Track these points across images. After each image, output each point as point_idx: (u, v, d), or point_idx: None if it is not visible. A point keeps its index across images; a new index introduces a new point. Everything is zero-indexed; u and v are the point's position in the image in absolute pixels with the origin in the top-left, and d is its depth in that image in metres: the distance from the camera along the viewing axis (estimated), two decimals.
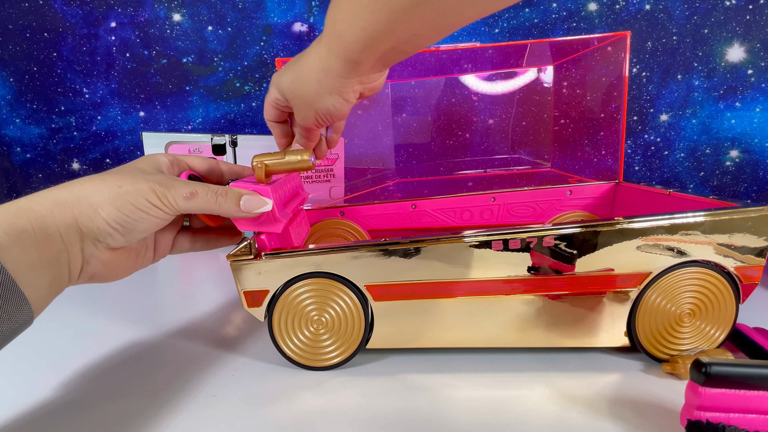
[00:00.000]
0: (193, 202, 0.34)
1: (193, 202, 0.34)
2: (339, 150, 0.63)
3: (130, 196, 0.32)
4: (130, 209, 0.32)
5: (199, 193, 0.34)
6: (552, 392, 0.36)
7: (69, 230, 0.30)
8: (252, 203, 0.36)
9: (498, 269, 0.38)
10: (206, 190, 0.34)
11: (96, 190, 0.31)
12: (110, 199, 0.31)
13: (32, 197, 0.30)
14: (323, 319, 0.39)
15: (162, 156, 0.37)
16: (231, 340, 0.46)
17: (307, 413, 0.34)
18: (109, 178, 0.32)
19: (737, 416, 0.28)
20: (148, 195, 0.32)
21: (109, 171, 0.34)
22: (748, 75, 0.77)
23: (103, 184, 0.32)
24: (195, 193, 0.34)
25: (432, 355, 0.42)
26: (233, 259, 0.39)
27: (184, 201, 0.33)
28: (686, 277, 0.38)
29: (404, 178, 0.73)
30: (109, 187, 0.32)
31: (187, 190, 0.34)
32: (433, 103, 0.72)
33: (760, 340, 0.39)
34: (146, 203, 0.32)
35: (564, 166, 0.70)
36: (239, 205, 0.35)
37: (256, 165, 0.37)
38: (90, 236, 0.31)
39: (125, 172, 0.34)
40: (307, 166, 0.39)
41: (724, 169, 0.82)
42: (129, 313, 0.53)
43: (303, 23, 0.86)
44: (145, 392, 0.37)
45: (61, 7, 0.88)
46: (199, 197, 0.34)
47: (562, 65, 0.67)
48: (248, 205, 0.36)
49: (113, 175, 0.33)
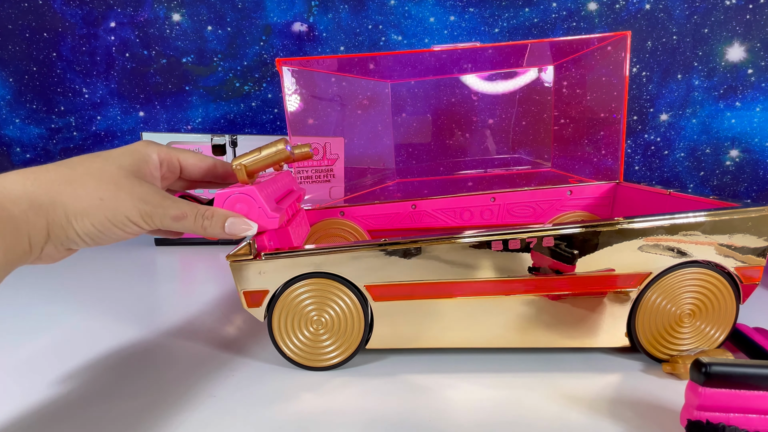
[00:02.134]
0: (180, 223, 0.33)
1: (179, 223, 0.33)
2: (339, 150, 0.63)
3: (110, 212, 0.30)
4: (106, 226, 0.30)
5: (187, 216, 0.33)
6: (552, 392, 0.36)
7: (38, 235, 0.29)
8: (236, 227, 0.35)
9: (498, 269, 0.38)
10: (194, 213, 0.33)
11: (74, 199, 0.29)
12: (87, 211, 0.29)
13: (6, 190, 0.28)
14: (323, 319, 0.39)
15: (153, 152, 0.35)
16: (231, 340, 0.46)
17: (307, 413, 0.34)
18: (90, 184, 0.30)
19: (737, 416, 0.28)
20: (130, 213, 0.31)
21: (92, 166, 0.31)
22: (748, 74, 0.77)
23: (83, 192, 0.30)
24: (183, 215, 0.33)
25: (432, 355, 0.42)
26: (233, 259, 0.39)
27: (170, 221, 0.32)
28: (686, 277, 0.38)
29: (404, 178, 0.73)
30: (89, 197, 0.30)
31: (176, 212, 0.32)
32: (433, 103, 0.72)
33: (760, 340, 0.39)
34: (126, 221, 0.31)
35: (564, 166, 0.70)
36: (224, 229, 0.35)
37: (236, 168, 0.37)
38: (56, 241, 0.30)
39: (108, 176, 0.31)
40: (285, 155, 0.38)
41: (724, 168, 0.81)
42: (129, 313, 0.53)
43: (303, 23, 0.86)
44: (144, 392, 0.37)
45: (60, 7, 0.88)
46: (186, 220, 0.33)
47: (562, 65, 0.67)
48: (233, 228, 0.35)
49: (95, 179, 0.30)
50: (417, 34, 0.85)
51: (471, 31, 0.83)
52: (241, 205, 0.37)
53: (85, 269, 0.68)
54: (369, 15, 0.85)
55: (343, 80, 0.66)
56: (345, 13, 0.85)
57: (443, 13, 0.83)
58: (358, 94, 0.68)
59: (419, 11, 0.84)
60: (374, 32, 0.85)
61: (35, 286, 0.61)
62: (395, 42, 0.85)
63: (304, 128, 0.62)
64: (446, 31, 0.84)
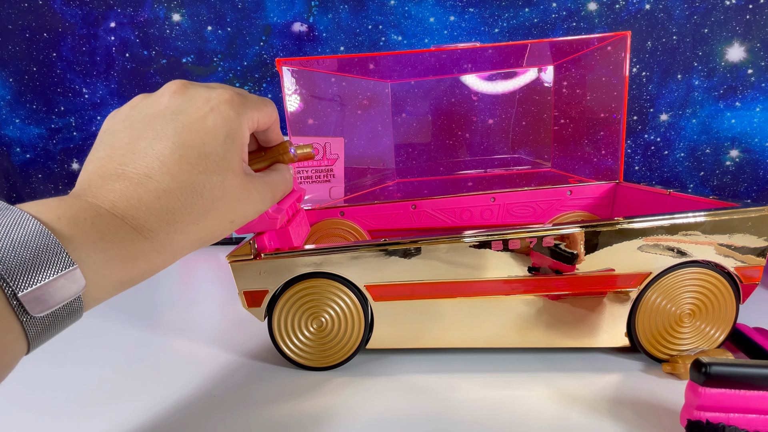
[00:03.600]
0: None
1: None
2: (339, 150, 0.63)
3: (237, 226, 0.30)
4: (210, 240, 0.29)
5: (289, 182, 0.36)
6: (552, 392, 0.36)
7: None
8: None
9: (498, 269, 0.38)
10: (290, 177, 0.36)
11: (212, 229, 0.28)
12: (215, 235, 0.29)
13: None
14: (323, 319, 0.39)
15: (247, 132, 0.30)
16: (231, 340, 0.46)
17: (307, 413, 0.34)
18: (220, 209, 0.28)
19: (737, 416, 0.28)
20: (251, 216, 0.31)
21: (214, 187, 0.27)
22: (749, 74, 0.77)
23: (216, 223, 0.28)
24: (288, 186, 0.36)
25: (432, 355, 0.42)
26: (233, 259, 0.39)
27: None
28: (686, 277, 0.38)
29: (404, 178, 0.73)
30: (221, 224, 0.28)
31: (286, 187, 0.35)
32: (433, 103, 0.72)
33: (760, 340, 0.39)
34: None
35: (564, 166, 0.70)
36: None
37: None
38: None
39: (233, 194, 0.28)
40: (288, 158, 0.38)
41: (724, 168, 0.81)
42: (129, 313, 0.53)
43: (303, 23, 0.86)
44: (144, 392, 0.37)
45: (60, 7, 0.88)
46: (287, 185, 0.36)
47: (562, 65, 0.67)
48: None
49: (225, 204, 0.28)
50: (417, 34, 0.85)
51: (471, 31, 0.83)
52: None
53: None
54: (369, 15, 0.85)
55: (343, 80, 0.66)
56: (345, 14, 0.85)
57: (443, 13, 0.83)
58: (358, 94, 0.68)
59: (419, 11, 0.84)
60: (374, 32, 0.85)
61: None
62: (395, 42, 0.85)
63: (304, 128, 0.62)
64: (446, 31, 0.84)
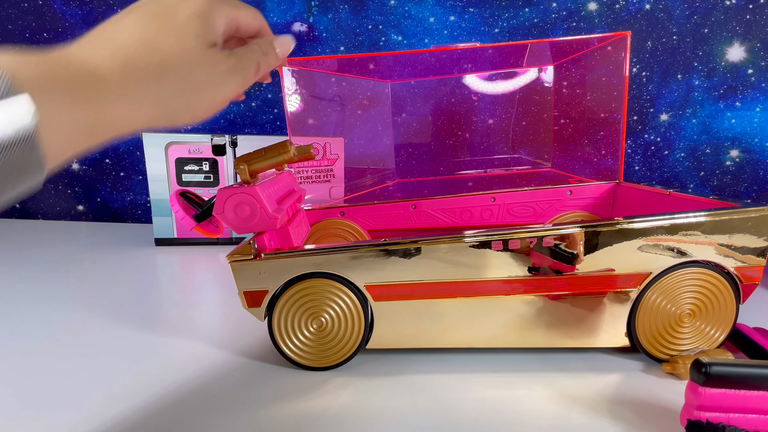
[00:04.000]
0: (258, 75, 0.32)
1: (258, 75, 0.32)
2: (339, 150, 0.63)
3: (191, 105, 0.28)
4: None
5: (260, 66, 0.32)
6: (552, 392, 0.36)
7: None
8: (286, 48, 0.34)
9: (498, 269, 0.38)
10: (262, 61, 0.32)
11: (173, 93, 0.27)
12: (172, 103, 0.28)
13: None
14: (323, 319, 0.39)
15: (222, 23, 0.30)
16: (231, 340, 0.46)
17: (307, 413, 0.34)
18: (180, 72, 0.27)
19: (737, 416, 0.28)
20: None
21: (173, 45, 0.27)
22: (749, 74, 0.77)
23: (178, 87, 0.27)
24: (258, 68, 0.31)
25: (432, 355, 0.42)
26: (233, 259, 0.39)
27: (253, 79, 0.31)
28: (686, 277, 0.38)
29: (404, 178, 0.73)
30: (183, 90, 0.27)
31: (254, 67, 0.31)
32: (433, 103, 0.72)
33: (760, 340, 0.39)
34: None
35: (564, 166, 0.70)
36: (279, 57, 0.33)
37: (240, 168, 0.37)
38: None
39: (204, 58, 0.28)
40: (288, 157, 0.38)
41: (724, 168, 0.81)
42: (129, 313, 0.53)
43: (302, 23, 0.86)
44: (144, 392, 0.37)
45: (60, 7, 0.88)
46: (260, 70, 0.32)
47: (562, 65, 0.67)
48: (284, 50, 0.33)
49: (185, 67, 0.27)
50: (417, 34, 0.85)
51: (471, 31, 0.83)
52: (242, 205, 0.37)
53: (85, 269, 0.68)
54: (369, 15, 0.85)
55: (343, 80, 0.66)
56: (345, 13, 0.85)
57: (443, 13, 0.83)
58: (358, 94, 0.68)
59: (419, 11, 0.84)
60: (374, 32, 0.85)
61: (35, 285, 0.61)
62: (395, 42, 0.85)
63: (304, 128, 0.62)
64: (446, 31, 0.84)
